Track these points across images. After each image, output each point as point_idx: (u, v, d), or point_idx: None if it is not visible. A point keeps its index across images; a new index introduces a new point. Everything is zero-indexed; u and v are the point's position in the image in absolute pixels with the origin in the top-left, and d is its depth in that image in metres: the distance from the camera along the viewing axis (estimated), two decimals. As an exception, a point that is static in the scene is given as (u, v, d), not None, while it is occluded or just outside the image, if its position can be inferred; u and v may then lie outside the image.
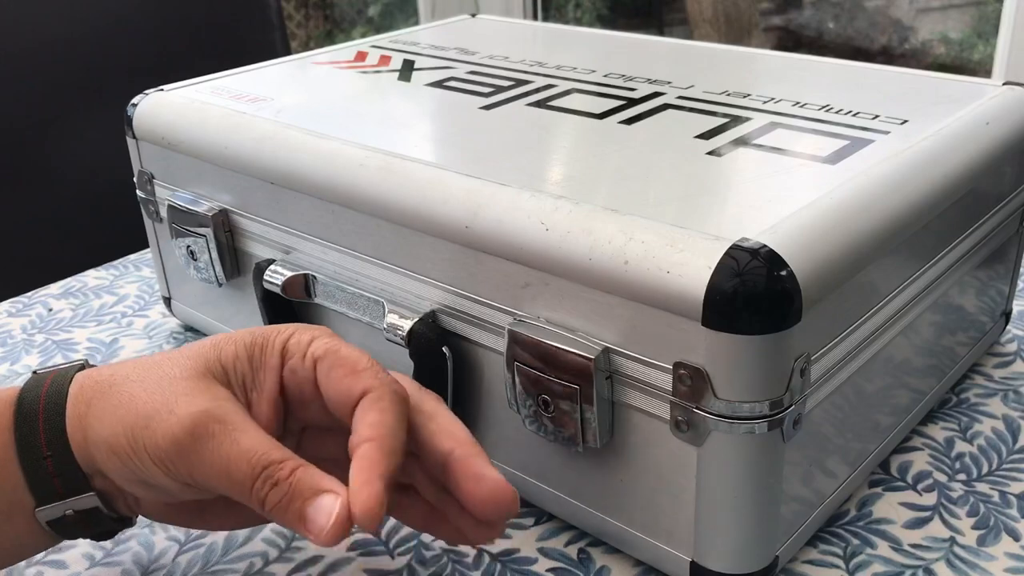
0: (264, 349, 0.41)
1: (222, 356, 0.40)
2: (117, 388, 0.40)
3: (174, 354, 0.41)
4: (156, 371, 0.40)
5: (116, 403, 0.39)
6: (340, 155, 0.52)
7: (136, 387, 0.39)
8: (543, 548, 0.48)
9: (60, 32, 1.00)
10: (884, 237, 0.44)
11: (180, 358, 0.40)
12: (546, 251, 0.43)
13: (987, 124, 0.52)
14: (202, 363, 0.40)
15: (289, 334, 0.41)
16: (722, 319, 0.38)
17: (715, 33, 2.52)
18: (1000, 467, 0.52)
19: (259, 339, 0.41)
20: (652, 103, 0.57)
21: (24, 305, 0.73)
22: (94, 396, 0.40)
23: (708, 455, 0.41)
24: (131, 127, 0.63)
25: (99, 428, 0.39)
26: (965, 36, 2.32)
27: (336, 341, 0.41)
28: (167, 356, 0.41)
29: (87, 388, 0.40)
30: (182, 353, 0.41)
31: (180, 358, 0.40)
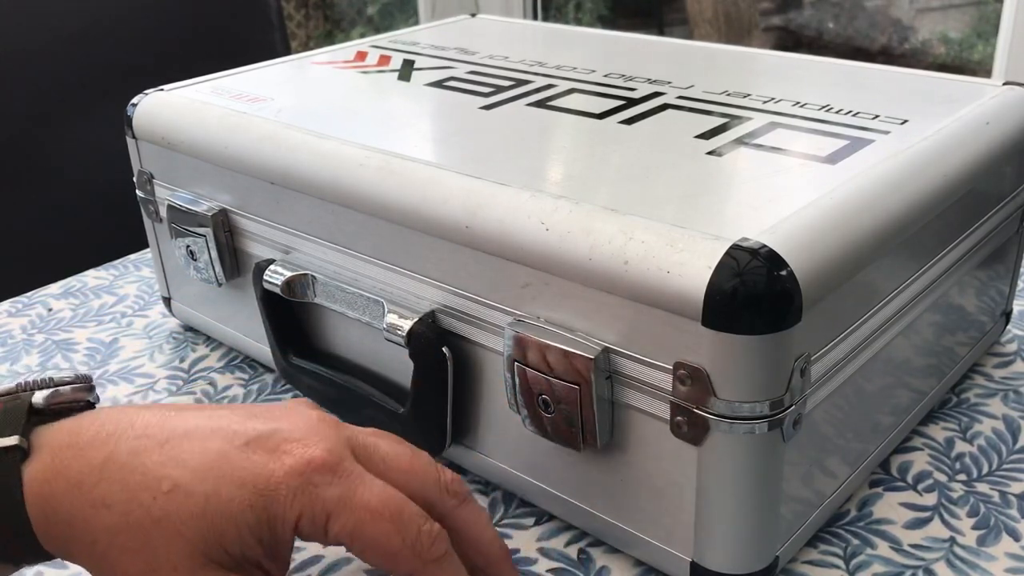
0: (273, 530, 0.37)
1: (224, 542, 0.36)
2: (95, 540, 0.36)
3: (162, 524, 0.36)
4: (147, 546, 0.36)
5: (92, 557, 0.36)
6: (340, 155, 0.52)
7: (124, 559, 0.36)
8: (543, 548, 0.48)
9: (60, 32, 1.00)
10: (884, 237, 0.44)
11: (174, 537, 0.36)
12: (546, 251, 0.43)
13: (987, 124, 0.52)
14: (202, 551, 0.36)
15: (299, 511, 0.37)
16: (722, 319, 0.38)
17: (715, 33, 2.52)
18: (1000, 467, 0.52)
19: (263, 517, 0.36)
20: (652, 103, 0.57)
21: (24, 305, 0.73)
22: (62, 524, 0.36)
23: (708, 455, 0.41)
24: (131, 127, 0.63)
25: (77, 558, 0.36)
26: (965, 36, 2.31)
27: (355, 514, 0.37)
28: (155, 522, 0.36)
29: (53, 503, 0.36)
30: (174, 528, 0.36)
31: (174, 537, 0.36)
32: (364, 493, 0.37)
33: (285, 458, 0.37)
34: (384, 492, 0.38)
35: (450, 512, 0.41)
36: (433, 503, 0.40)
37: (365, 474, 0.38)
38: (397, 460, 0.40)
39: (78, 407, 0.39)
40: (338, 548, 0.48)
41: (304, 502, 0.37)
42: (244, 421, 0.39)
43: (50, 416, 0.38)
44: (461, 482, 0.42)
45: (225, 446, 0.37)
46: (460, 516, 0.41)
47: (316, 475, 0.37)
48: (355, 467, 0.38)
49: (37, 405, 0.38)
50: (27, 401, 0.38)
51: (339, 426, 0.40)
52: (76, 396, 0.39)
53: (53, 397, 0.39)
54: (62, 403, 0.39)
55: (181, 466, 0.36)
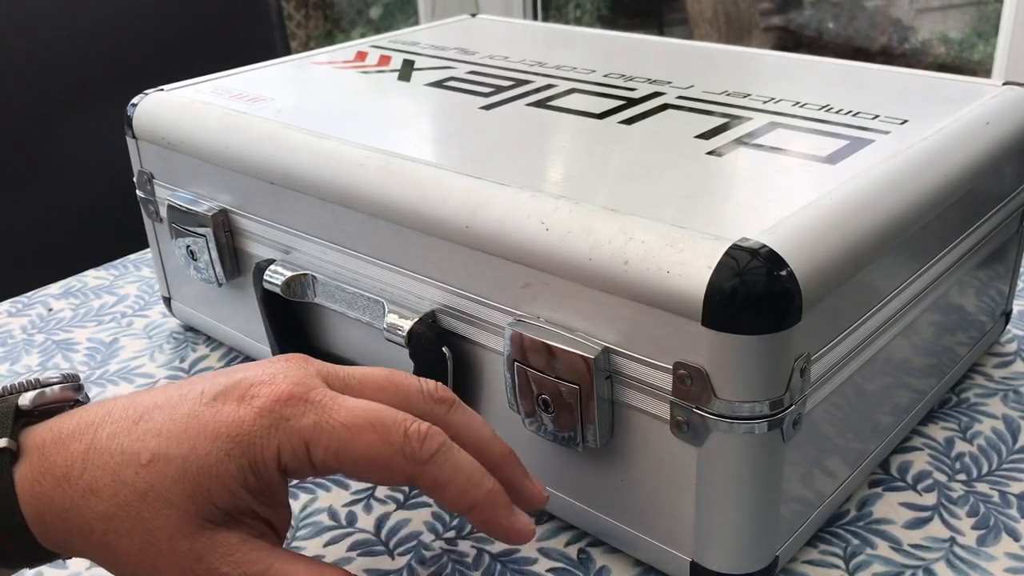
0: (258, 474, 0.36)
1: (213, 498, 0.36)
2: (91, 530, 0.36)
3: (148, 496, 0.36)
4: (139, 523, 0.35)
5: (91, 545, 0.36)
6: (340, 155, 0.52)
7: (123, 541, 0.36)
8: (543, 548, 0.48)
9: (60, 32, 1.00)
10: (884, 237, 0.44)
11: (163, 506, 0.35)
12: (546, 251, 0.43)
13: (987, 124, 0.52)
14: (194, 513, 0.36)
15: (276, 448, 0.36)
16: (722, 319, 0.38)
17: (715, 33, 2.52)
18: (1000, 467, 0.52)
19: (244, 463, 0.36)
20: (652, 103, 0.57)
21: (24, 305, 0.73)
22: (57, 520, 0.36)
23: (708, 455, 0.41)
24: (131, 127, 0.63)
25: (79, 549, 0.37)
26: (965, 36, 2.32)
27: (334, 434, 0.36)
28: (141, 496, 0.36)
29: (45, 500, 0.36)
30: (161, 497, 0.36)
31: (163, 506, 0.35)
32: (338, 412, 0.37)
33: (254, 401, 0.37)
34: (359, 405, 0.37)
35: (441, 420, 0.39)
36: (421, 415, 0.39)
37: (338, 396, 0.38)
38: (373, 380, 0.39)
39: (67, 406, 0.39)
40: (338, 549, 0.48)
41: (280, 436, 0.36)
42: (211, 380, 0.38)
43: (38, 417, 0.38)
44: (444, 388, 0.40)
45: (194, 407, 0.37)
46: (452, 422, 0.40)
47: (286, 408, 0.36)
48: (326, 392, 0.38)
49: (24, 407, 0.38)
50: (13, 404, 0.38)
51: (308, 361, 0.40)
52: (64, 396, 0.39)
53: (40, 398, 0.38)
54: (49, 403, 0.39)
55: (156, 436, 0.36)
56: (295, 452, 0.36)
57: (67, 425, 0.37)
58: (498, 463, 0.41)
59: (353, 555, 0.48)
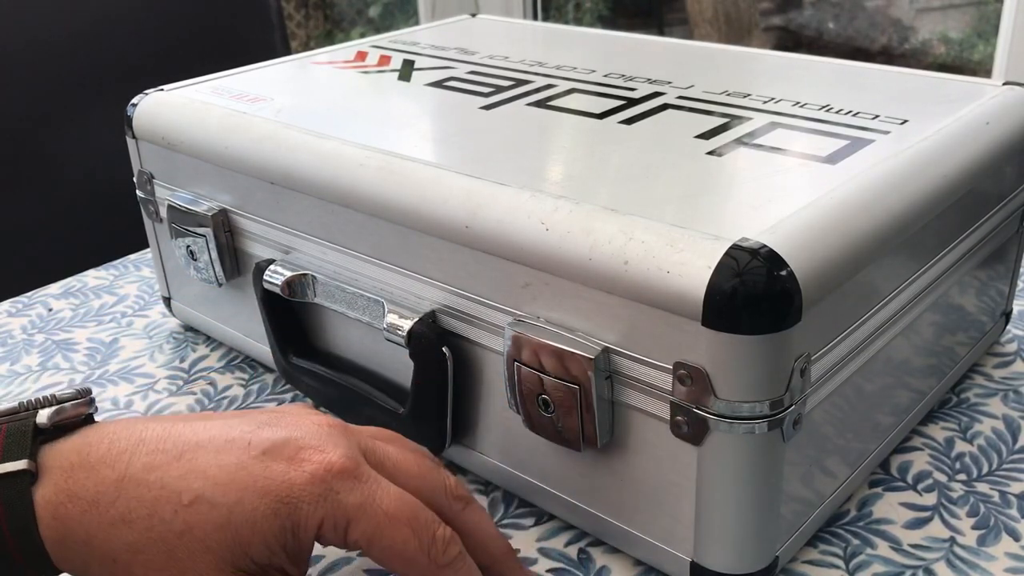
0: (296, 537, 0.37)
1: (251, 551, 0.37)
2: (115, 559, 0.36)
3: (186, 536, 0.36)
4: (172, 560, 0.36)
5: (112, 574, 0.36)
6: (340, 155, 0.52)
7: (149, 574, 0.36)
8: (543, 548, 0.48)
9: (60, 32, 1.00)
10: (884, 237, 0.44)
11: (199, 549, 0.36)
12: (546, 251, 0.43)
13: (987, 124, 0.52)
14: (228, 561, 0.36)
15: (320, 518, 0.37)
16: (722, 319, 0.38)
17: (715, 33, 2.52)
18: (1000, 467, 0.52)
19: (287, 524, 0.37)
20: (652, 103, 0.57)
21: (24, 305, 0.73)
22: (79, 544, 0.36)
23: (708, 455, 0.41)
24: (131, 127, 0.63)
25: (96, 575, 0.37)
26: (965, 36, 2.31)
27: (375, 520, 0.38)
28: (178, 535, 0.36)
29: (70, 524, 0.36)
30: (198, 540, 0.36)
31: (199, 549, 0.36)
32: (383, 499, 0.38)
33: (305, 465, 0.38)
34: (401, 497, 0.39)
35: (456, 516, 0.41)
36: (440, 508, 0.40)
37: (381, 479, 0.39)
38: (406, 466, 0.41)
39: (80, 422, 0.39)
40: (338, 549, 0.48)
41: (327, 508, 0.37)
42: (256, 431, 0.39)
43: (54, 434, 0.38)
44: (463, 485, 0.42)
45: (243, 457, 0.38)
46: (466, 519, 0.41)
47: (337, 482, 0.38)
48: (372, 472, 0.39)
49: (42, 425, 0.38)
50: (31, 422, 0.38)
51: (348, 431, 0.41)
52: (78, 411, 0.39)
53: (57, 415, 0.38)
54: (65, 420, 0.39)
55: (201, 478, 0.37)
56: (336, 525, 0.37)
57: (95, 449, 0.37)
58: (500, 558, 0.42)
59: (353, 555, 0.48)
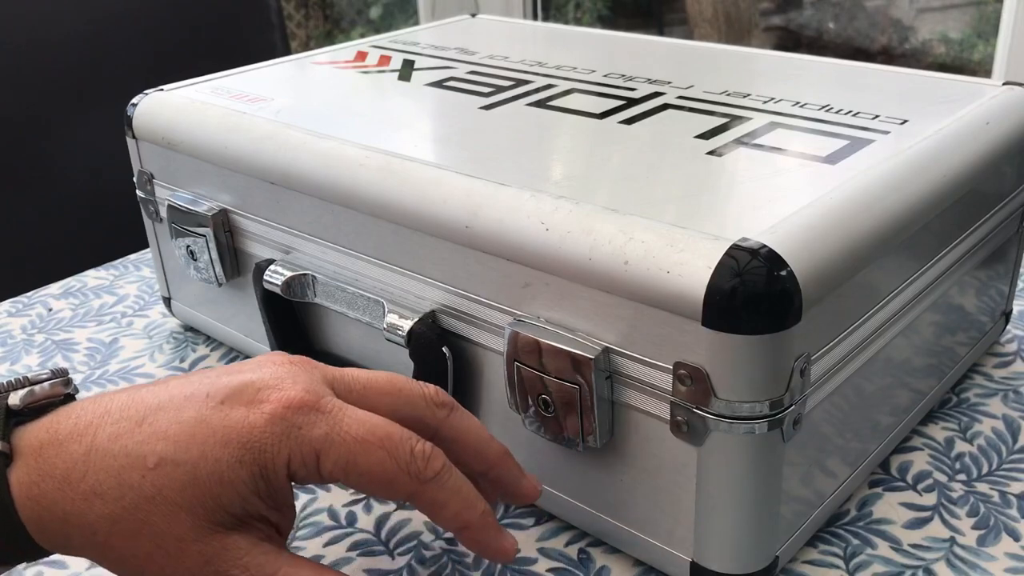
0: (268, 480, 0.37)
1: (223, 503, 0.36)
2: (95, 531, 0.36)
3: (157, 500, 0.36)
4: (147, 526, 0.35)
5: (95, 546, 0.36)
6: (340, 155, 0.52)
7: (128, 543, 0.36)
8: (543, 548, 0.48)
9: (60, 32, 1.00)
10: (884, 237, 0.44)
11: (172, 510, 0.36)
12: (546, 251, 0.43)
13: (987, 124, 0.52)
14: (204, 517, 0.36)
15: (287, 456, 0.36)
16: (722, 319, 0.38)
17: (715, 33, 2.52)
18: (1000, 467, 0.52)
19: (255, 470, 0.36)
20: (652, 103, 0.57)
21: (24, 305, 0.73)
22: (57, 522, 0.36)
23: (708, 455, 0.41)
24: (131, 127, 0.63)
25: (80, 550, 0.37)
26: (965, 36, 2.31)
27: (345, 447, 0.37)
28: (149, 500, 0.36)
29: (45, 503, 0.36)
30: (170, 501, 0.36)
31: (172, 510, 0.36)
32: (349, 425, 0.37)
33: (264, 406, 0.37)
34: (369, 420, 0.38)
35: (441, 424, 0.40)
36: (422, 419, 0.40)
37: (346, 406, 0.38)
38: (376, 385, 0.40)
39: (57, 402, 0.39)
40: (338, 549, 0.48)
41: (291, 445, 0.36)
42: (214, 380, 0.38)
43: (29, 416, 0.38)
44: (444, 392, 0.41)
45: (202, 410, 0.37)
46: (451, 425, 0.40)
47: (298, 416, 0.37)
48: (335, 401, 0.38)
49: (14, 407, 0.38)
50: (3, 404, 0.37)
51: (312, 365, 0.40)
52: (53, 392, 0.39)
53: (29, 397, 0.38)
54: (39, 401, 0.38)
55: (162, 439, 0.36)
56: (305, 461, 0.37)
57: (64, 425, 0.37)
58: (495, 463, 0.42)
59: (353, 555, 0.48)
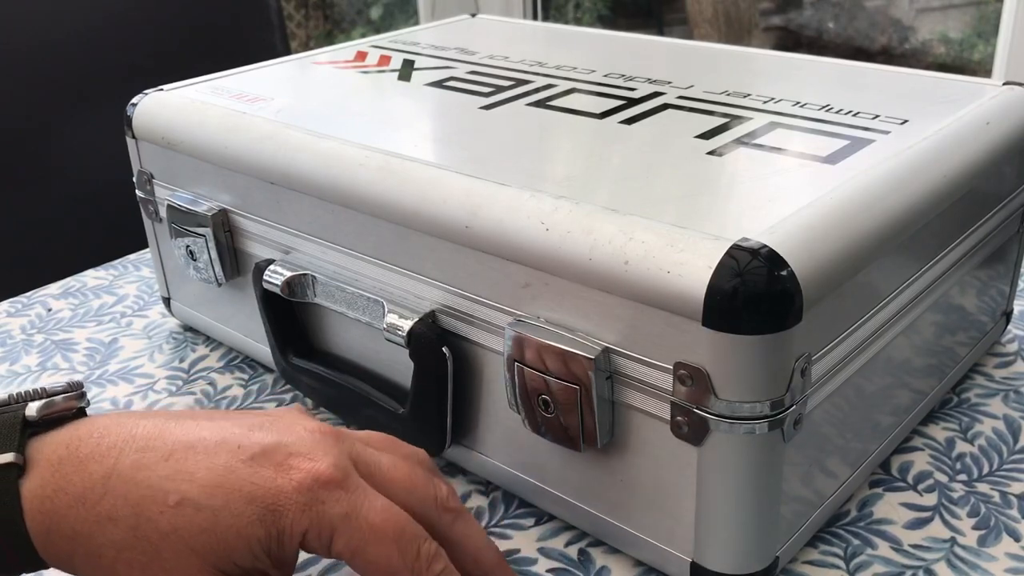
0: (281, 543, 0.37)
1: (234, 555, 0.36)
2: (101, 555, 0.36)
3: (171, 538, 0.36)
4: (156, 560, 0.36)
5: (97, 569, 0.36)
6: (340, 155, 0.52)
7: (133, 572, 0.36)
8: (543, 548, 0.48)
9: (60, 32, 1.00)
10: (884, 237, 0.44)
11: (184, 551, 0.36)
12: (546, 251, 0.43)
13: (987, 124, 0.52)
14: (212, 564, 0.36)
15: (305, 527, 0.37)
16: (722, 319, 0.38)
17: (715, 33, 2.52)
18: (1001, 467, 0.52)
19: (272, 531, 0.37)
20: (652, 103, 0.57)
21: (24, 305, 0.73)
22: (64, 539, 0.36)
23: (708, 455, 0.40)
24: (131, 127, 0.63)
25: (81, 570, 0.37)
26: (965, 36, 2.31)
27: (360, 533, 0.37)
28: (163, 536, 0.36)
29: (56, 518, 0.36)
30: (184, 542, 0.36)
31: (184, 551, 0.36)
32: (368, 511, 0.38)
33: (293, 473, 0.37)
34: (387, 510, 0.38)
35: (447, 528, 0.41)
36: (430, 519, 0.40)
37: (369, 490, 0.39)
38: (398, 476, 0.41)
39: (70, 415, 0.39)
40: (338, 548, 0.48)
41: (311, 517, 0.37)
42: (247, 434, 0.39)
43: (43, 427, 0.38)
44: (455, 496, 0.42)
45: (231, 460, 0.37)
46: (456, 530, 0.41)
47: (323, 491, 0.37)
48: (360, 482, 0.39)
49: (31, 418, 0.38)
50: (20, 414, 0.38)
51: (340, 437, 0.40)
52: (68, 405, 0.39)
53: (46, 408, 0.38)
54: (55, 413, 0.38)
55: (188, 480, 0.37)
56: (320, 535, 0.37)
57: (84, 444, 0.37)
58: (491, 569, 0.42)
59: (353, 555, 0.48)
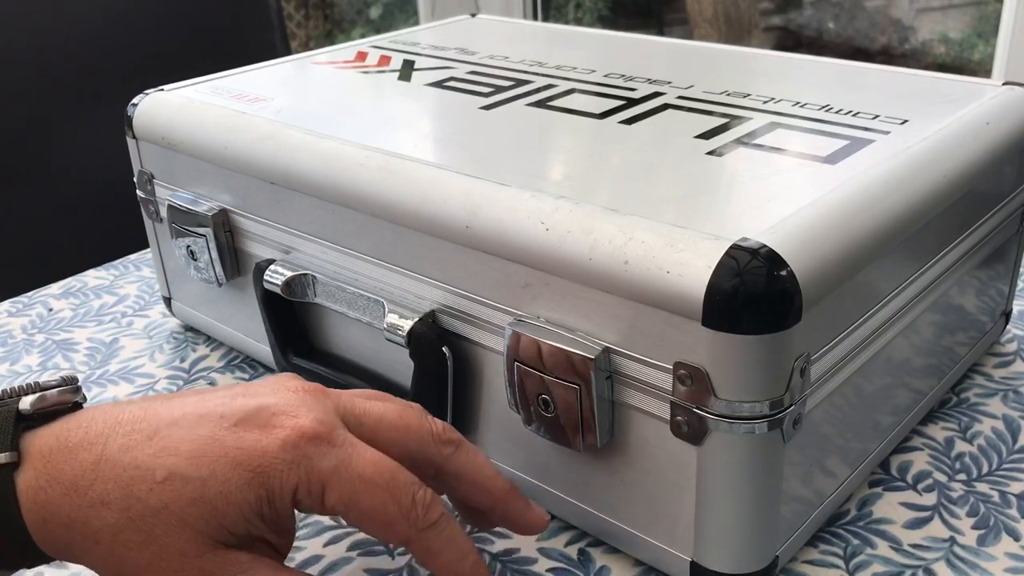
0: (273, 505, 0.37)
1: (227, 522, 0.36)
2: (98, 540, 0.36)
3: (162, 513, 0.36)
4: (151, 538, 0.36)
5: (96, 555, 0.36)
6: (340, 155, 0.52)
7: (131, 553, 0.36)
8: (543, 548, 0.48)
9: (60, 32, 1.00)
10: (884, 237, 0.44)
11: (176, 525, 0.36)
12: (546, 251, 0.43)
13: (987, 124, 0.52)
14: (207, 534, 0.36)
15: (295, 483, 0.37)
16: (722, 319, 0.38)
17: (715, 33, 2.52)
18: (1000, 467, 0.52)
19: (262, 493, 0.36)
20: (652, 103, 0.57)
21: (24, 305, 0.73)
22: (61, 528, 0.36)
23: (708, 455, 0.41)
24: (131, 127, 0.63)
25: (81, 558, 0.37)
26: (965, 36, 2.32)
27: (350, 483, 0.37)
28: (154, 512, 0.36)
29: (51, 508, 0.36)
30: (175, 516, 0.36)
31: (176, 525, 0.36)
32: (358, 462, 0.37)
33: (277, 432, 0.37)
34: (377, 460, 0.38)
35: (446, 460, 0.41)
36: (429, 456, 0.40)
37: (357, 442, 0.38)
38: (386, 420, 0.40)
39: (66, 409, 0.39)
40: (338, 549, 0.48)
41: (299, 474, 0.37)
42: (229, 401, 0.39)
43: (38, 421, 0.38)
44: (452, 429, 0.41)
45: (215, 429, 0.37)
46: (457, 461, 0.41)
47: (309, 446, 0.37)
48: (347, 435, 0.38)
49: (24, 411, 0.38)
50: (14, 408, 0.38)
51: (326, 394, 0.40)
52: (62, 399, 0.39)
53: (40, 402, 0.38)
54: (49, 407, 0.38)
55: (174, 454, 0.37)
56: (311, 491, 0.37)
57: (74, 433, 0.37)
58: (500, 497, 0.42)
59: (353, 555, 0.48)
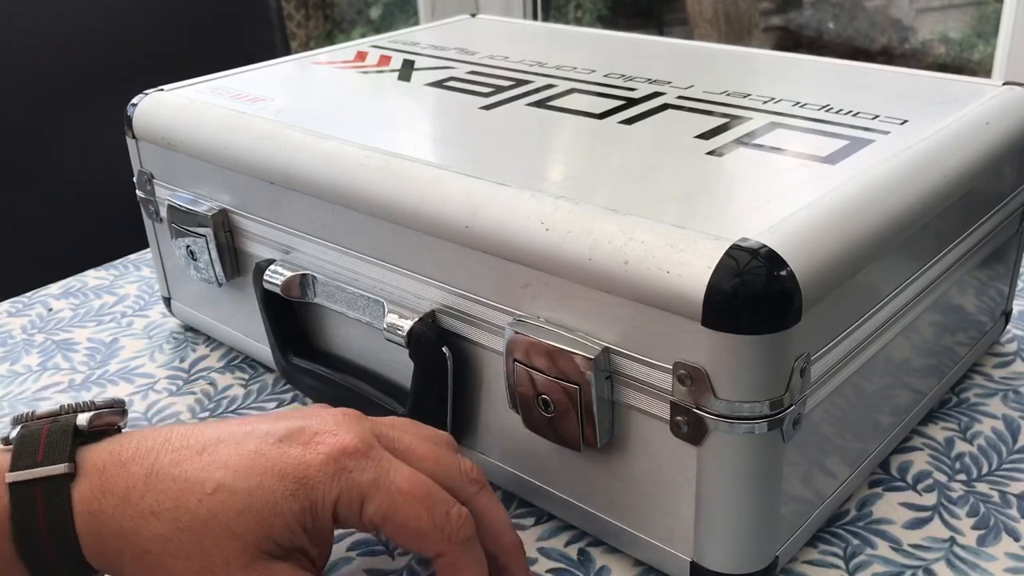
0: (315, 516, 0.39)
1: (273, 533, 0.38)
2: (147, 550, 0.37)
3: (211, 524, 0.37)
4: (199, 548, 0.37)
5: (144, 566, 0.38)
6: (340, 155, 0.52)
7: (178, 563, 0.37)
8: (543, 548, 0.48)
9: (60, 32, 1.00)
10: (884, 237, 0.44)
11: (224, 535, 0.37)
12: (546, 251, 0.43)
13: (987, 124, 0.52)
14: (253, 545, 0.38)
15: (336, 495, 0.38)
16: (722, 319, 0.38)
17: (715, 33, 2.52)
18: (1000, 467, 0.52)
19: (306, 505, 0.38)
20: (652, 103, 0.57)
21: (24, 305, 0.73)
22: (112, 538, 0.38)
23: (708, 455, 0.41)
24: (131, 127, 0.63)
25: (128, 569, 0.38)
26: (965, 36, 2.31)
27: (389, 496, 0.39)
28: (203, 523, 0.37)
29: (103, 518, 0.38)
30: (223, 526, 0.37)
31: (224, 535, 0.37)
32: (395, 476, 0.39)
33: (319, 447, 0.39)
34: (413, 475, 0.40)
35: (471, 499, 0.42)
36: (455, 490, 0.41)
37: (394, 459, 0.40)
38: (420, 451, 0.42)
39: (113, 430, 0.41)
40: (338, 549, 0.48)
41: (341, 486, 0.39)
42: (273, 423, 0.41)
43: (91, 438, 0.40)
44: (479, 470, 0.43)
45: (261, 445, 0.39)
46: (479, 503, 0.42)
47: (349, 460, 0.39)
48: (384, 453, 0.40)
49: (81, 427, 0.40)
50: (72, 423, 0.40)
51: (363, 418, 0.42)
52: (112, 419, 0.42)
53: (96, 419, 0.41)
54: (102, 425, 0.41)
55: (222, 467, 0.38)
56: (351, 503, 0.39)
57: (126, 449, 0.39)
58: (507, 550, 0.43)
59: (353, 555, 0.48)
